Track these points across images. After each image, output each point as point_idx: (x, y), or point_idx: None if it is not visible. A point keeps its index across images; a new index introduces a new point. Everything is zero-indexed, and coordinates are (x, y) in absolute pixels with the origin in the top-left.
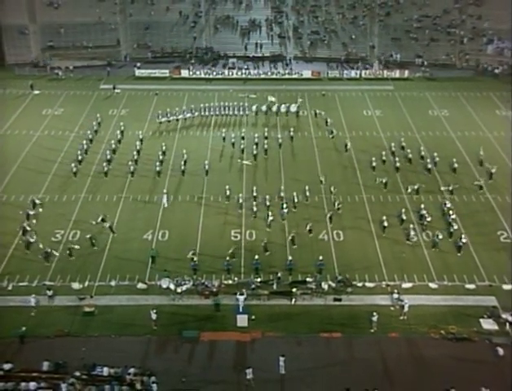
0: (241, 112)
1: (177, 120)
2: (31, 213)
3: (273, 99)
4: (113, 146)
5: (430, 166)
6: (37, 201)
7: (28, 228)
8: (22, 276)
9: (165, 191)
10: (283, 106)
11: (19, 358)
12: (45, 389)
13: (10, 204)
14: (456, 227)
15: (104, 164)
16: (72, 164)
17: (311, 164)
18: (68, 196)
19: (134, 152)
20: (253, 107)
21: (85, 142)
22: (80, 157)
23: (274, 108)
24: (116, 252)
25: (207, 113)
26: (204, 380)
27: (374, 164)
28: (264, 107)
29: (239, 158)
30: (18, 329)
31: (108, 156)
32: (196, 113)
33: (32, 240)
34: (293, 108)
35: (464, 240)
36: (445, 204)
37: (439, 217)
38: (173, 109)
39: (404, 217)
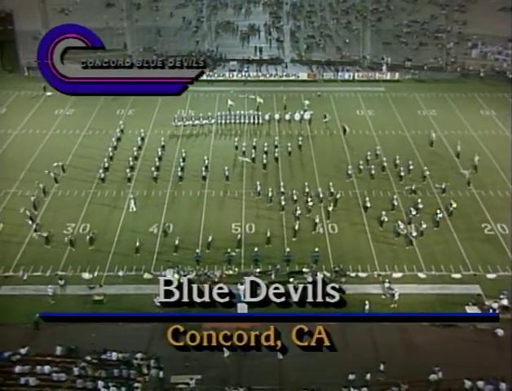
0: (255, 121)
1: (193, 125)
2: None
3: (232, 103)
4: (135, 153)
5: (402, 173)
6: (52, 174)
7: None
8: (36, 267)
9: (131, 196)
10: (297, 114)
11: (34, 343)
12: (58, 373)
13: (23, 199)
14: (425, 226)
15: (128, 170)
16: (100, 171)
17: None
18: (78, 192)
19: (156, 159)
20: (266, 116)
21: (110, 149)
22: (106, 164)
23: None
24: (123, 245)
25: (223, 121)
26: (206, 365)
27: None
28: (277, 116)
29: (239, 156)
30: (32, 316)
31: (131, 163)
32: (213, 120)
33: (35, 227)
34: (307, 116)
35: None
36: (451, 204)
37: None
38: (189, 114)
39: (395, 203)
